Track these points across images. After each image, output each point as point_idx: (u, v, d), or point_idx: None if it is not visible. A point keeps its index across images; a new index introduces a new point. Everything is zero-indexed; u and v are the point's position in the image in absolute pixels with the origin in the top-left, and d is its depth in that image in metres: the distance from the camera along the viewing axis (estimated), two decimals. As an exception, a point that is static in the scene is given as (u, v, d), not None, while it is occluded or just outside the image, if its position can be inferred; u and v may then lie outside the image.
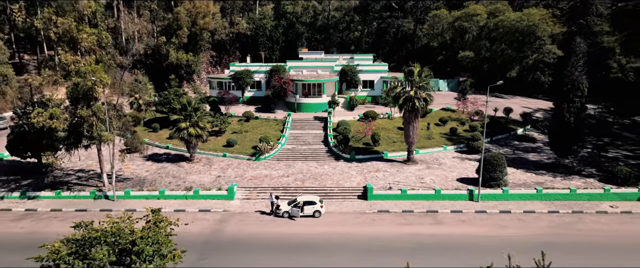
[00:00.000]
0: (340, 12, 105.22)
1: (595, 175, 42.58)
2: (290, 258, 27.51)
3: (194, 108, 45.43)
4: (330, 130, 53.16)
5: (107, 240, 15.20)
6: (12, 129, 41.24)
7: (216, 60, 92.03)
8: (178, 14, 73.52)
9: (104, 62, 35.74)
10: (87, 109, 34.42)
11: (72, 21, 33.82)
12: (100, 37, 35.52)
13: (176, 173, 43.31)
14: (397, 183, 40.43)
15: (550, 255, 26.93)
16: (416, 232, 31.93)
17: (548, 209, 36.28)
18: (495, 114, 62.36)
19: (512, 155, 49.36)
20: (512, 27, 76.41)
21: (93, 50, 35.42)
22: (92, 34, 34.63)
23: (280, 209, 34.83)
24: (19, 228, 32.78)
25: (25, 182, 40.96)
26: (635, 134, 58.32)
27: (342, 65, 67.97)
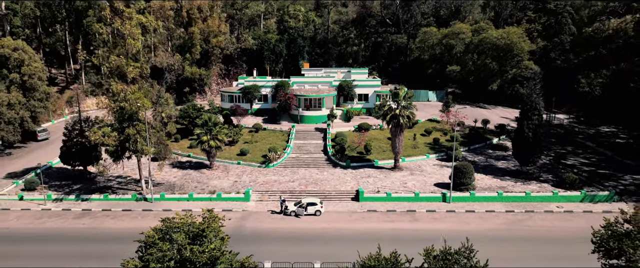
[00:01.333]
0: (338, 25, 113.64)
1: (550, 181, 50.91)
2: (297, 247, 35.80)
3: (214, 123, 53.79)
4: (329, 141, 61.53)
5: (184, 229, 23.37)
6: (64, 143, 49.53)
7: (225, 72, 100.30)
8: (193, 34, 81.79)
9: (144, 89, 43.89)
10: (132, 128, 42.67)
11: (123, 59, 41.97)
12: (141, 69, 43.70)
13: (199, 179, 51.64)
14: (384, 188, 48.76)
15: (500, 245, 36.38)
16: (397, 228, 40.27)
17: (506, 209, 44.64)
18: (475, 125, 70.63)
19: (485, 162, 57.71)
20: (493, 44, 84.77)
21: (136, 79, 43.59)
22: (136, 67, 42.81)
23: (288, 209, 43.14)
24: (81, 224, 41.12)
25: (75, 186, 49.27)
26: (595, 143, 66.59)
27: (340, 81, 76.34)
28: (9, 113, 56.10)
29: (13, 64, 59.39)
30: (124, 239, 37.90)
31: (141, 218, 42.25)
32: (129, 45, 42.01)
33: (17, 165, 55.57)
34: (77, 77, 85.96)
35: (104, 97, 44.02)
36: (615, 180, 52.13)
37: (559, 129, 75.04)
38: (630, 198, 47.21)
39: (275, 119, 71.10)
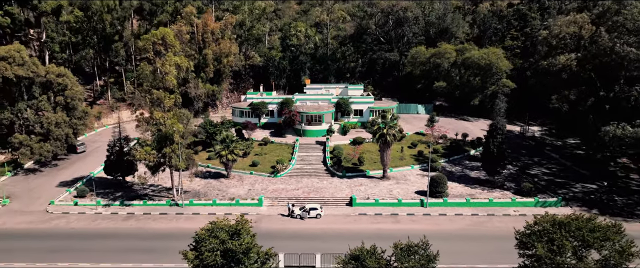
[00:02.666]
0: (337, 40, 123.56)
1: (512, 189, 60.95)
2: (302, 243, 45.78)
3: (231, 139, 63.92)
4: (328, 153, 71.64)
5: (224, 229, 33.34)
6: (108, 157, 59.66)
7: (233, 86, 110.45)
8: (206, 55, 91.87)
9: (178, 115, 53.81)
10: (169, 147, 52.76)
11: (163, 92, 51.95)
12: (176, 99, 53.65)
13: (219, 187, 61.73)
14: (374, 195, 58.85)
15: (463, 241, 46.92)
16: (381, 228, 50.31)
17: (472, 213, 54.73)
18: (456, 137, 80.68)
19: (461, 172, 67.79)
20: (475, 63, 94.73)
21: (171, 108, 53.48)
22: (172, 98, 52.76)
23: (294, 213, 53.22)
24: (128, 225, 51.23)
25: (118, 193, 59.41)
26: (559, 154, 76.70)
27: (337, 98, 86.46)
28: (57, 131, 66.18)
29: (57, 87, 69.42)
30: (165, 237, 48.24)
31: (176, 221, 52.39)
32: (167, 81, 52.08)
33: (65, 175, 65.71)
34: (103, 93, 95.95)
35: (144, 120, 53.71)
36: (567, 188, 62.29)
37: (531, 141, 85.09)
38: (576, 203, 57.38)
39: (281, 133, 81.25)
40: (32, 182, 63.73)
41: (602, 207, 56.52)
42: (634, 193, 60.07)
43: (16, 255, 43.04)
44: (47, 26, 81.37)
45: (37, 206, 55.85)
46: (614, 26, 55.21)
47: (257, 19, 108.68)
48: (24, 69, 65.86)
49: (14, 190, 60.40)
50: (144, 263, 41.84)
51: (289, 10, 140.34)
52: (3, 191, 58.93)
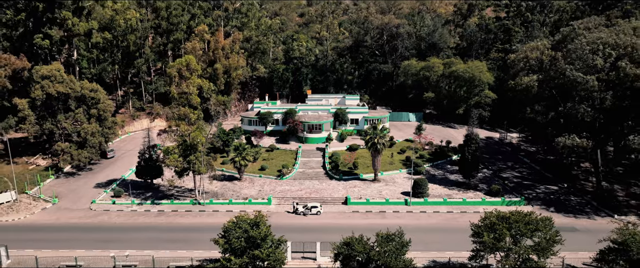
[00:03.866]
0: (336, 51, 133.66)
1: (484, 190, 71.21)
2: (305, 235, 55.95)
3: (243, 147, 74.25)
4: (327, 158, 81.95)
5: (247, 221, 43.58)
6: (139, 163, 70.01)
7: (241, 96, 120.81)
8: (217, 69, 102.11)
9: (200, 128, 64.03)
10: (193, 155, 63.05)
11: (188, 108, 62.25)
12: (198, 115, 63.86)
13: (233, 189, 72.07)
14: (365, 195, 69.16)
15: (437, 233, 58.47)
16: (371, 223, 60.53)
17: (447, 210, 65.02)
18: (441, 144, 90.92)
19: (442, 175, 78.10)
20: (460, 76, 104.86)
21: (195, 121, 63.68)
22: (195, 114, 62.94)
23: (298, 210, 63.50)
24: (160, 220, 61.59)
25: (147, 194, 69.76)
26: (531, 159, 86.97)
27: (336, 108, 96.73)
28: (92, 139, 76.53)
29: (91, 101, 79.73)
30: (191, 230, 58.58)
31: (199, 217, 62.75)
32: (191, 99, 62.42)
33: (99, 178, 76.10)
34: (124, 103, 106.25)
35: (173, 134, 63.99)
36: (532, 189, 72.64)
37: (508, 147, 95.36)
38: (537, 202, 67.68)
39: (286, 140, 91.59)
40: (73, 183, 74.10)
41: (558, 206, 66.83)
42: (587, 194, 70.38)
43: (74, 243, 53.33)
44: (78, 45, 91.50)
45: (82, 204, 66.23)
46: (567, 53, 65.48)
47: (264, 34, 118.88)
48: (63, 86, 76.19)
49: (59, 190, 70.77)
50: (178, 251, 52.07)
51: (291, 23, 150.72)
52: (53, 191, 69.30)
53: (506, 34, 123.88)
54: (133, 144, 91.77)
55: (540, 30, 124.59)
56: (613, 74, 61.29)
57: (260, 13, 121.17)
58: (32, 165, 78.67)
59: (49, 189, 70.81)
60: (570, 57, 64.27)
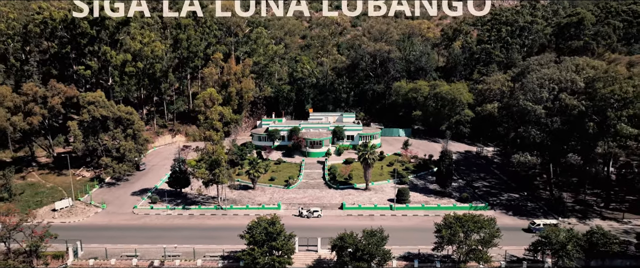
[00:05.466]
0: (335, 71, 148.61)
1: (456, 197, 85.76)
2: (309, 233, 70.33)
3: (256, 162, 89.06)
4: (326, 170, 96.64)
5: (266, 221, 58.21)
6: (171, 174, 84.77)
7: (250, 113, 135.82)
8: (230, 92, 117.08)
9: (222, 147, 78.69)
10: (218, 169, 77.81)
11: (212, 131, 77.03)
12: (220, 136, 78.61)
13: (248, 196, 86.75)
14: (358, 201, 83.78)
15: (415, 232, 74.39)
16: (362, 223, 74.87)
17: (424, 214, 79.58)
18: (425, 157, 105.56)
19: (423, 185, 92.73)
20: (444, 97, 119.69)
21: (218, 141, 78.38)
22: (218, 135, 77.68)
23: (303, 214, 78.12)
24: (192, 222, 76.25)
25: (178, 201, 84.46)
26: (500, 171, 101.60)
27: (334, 126, 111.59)
28: (130, 154, 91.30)
29: (127, 122, 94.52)
30: (218, 229, 73.11)
31: (223, 219, 77.38)
32: (215, 124, 77.35)
33: (135, 187, 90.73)
34: (149, 121, 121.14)
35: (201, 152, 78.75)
36: (497, 197, 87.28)
37: (483, 160, 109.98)
38: (499, 208, 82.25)
39: (291, 154, 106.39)
40: (115, 192, 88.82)
41: (516, 210, 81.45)
42: (542, 201, 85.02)
43: (127, 239, 67.86)
44: (113, 73, 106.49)
45: (126, 209, 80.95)
46: (521, 86, 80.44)
47: (270, 58, 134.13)
48: (105, 110, 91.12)
49: (105, 198, 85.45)
50: (210, 245, 66.61)
51: (293, 45, 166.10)
52: (101, 199, 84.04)
53: (487, 56, 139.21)
54: (159, 158, 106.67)
55: (520, 53, 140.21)
56: (557, 104, 76.25)
57: (268, 40, 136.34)
58: (79, 177, 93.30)
59: (97, 197, 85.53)
60: (523, 89, 79.24)
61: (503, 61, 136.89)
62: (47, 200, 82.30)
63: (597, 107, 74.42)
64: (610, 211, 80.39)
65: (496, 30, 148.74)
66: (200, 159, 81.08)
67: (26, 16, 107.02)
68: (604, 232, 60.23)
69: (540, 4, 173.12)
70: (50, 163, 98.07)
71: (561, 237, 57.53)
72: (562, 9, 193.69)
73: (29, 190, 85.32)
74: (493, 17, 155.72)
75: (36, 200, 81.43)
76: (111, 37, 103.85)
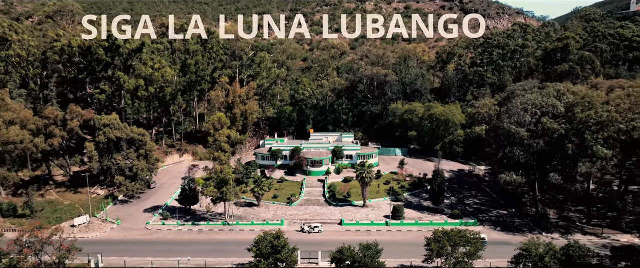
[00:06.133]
0: (334, 93, 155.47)
1: (448, 214, 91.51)
2: (310, 247, 75.96)
3: (261, 181, 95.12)
4: (326, 188, 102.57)
5: (271, 235, 64.04)
6: (181, 192, 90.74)
7: (254, 133, 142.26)
8: (235, 114, 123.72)
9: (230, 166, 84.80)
10: (226, 188, 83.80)
11: (221, 152, 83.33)
12: (228, 156, 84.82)
13: (253, 213, 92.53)
14: (356, 218, 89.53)
15: (409, 246, 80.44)
16: (359, 238, 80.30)
17: (418, 230, 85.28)
18: (420, 175, 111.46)
19: (417, 202, 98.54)
20: (438, 118, 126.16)
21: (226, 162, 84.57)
22: (227, 155, 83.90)
23: (304, 229, 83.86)
24: (202, 237, 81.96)
25: (187, 217, 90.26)
26: (491, 189, 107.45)
27: (334, 146, 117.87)
28: (142, 173, 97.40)
29: (139, 143, 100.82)
30: (226, 244, 78.84)
31: (230, 234, 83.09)
32: (223, 146, 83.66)
33: (147, 204, 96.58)
34: (158, 141, 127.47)
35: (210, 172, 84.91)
36: (486, 213, 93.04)
37: (475, 178, 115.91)
38: (488, 224, 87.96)
39: (293, 173, 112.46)
40: (128, 209, 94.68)
41: (503, 226, 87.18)
42: (528, 217, 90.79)
43: (142, 253, 73.57)
44: (125, 96, 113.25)
45: (139, 225, 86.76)
46: (506, 110, 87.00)
47: (273, 81, 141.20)
48: (119, 132, 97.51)
49: (119, 214, 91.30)
50: (219, 258, 72.31)
51: (295, 68, 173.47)
52: (116, 215, 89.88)
53: (480, 78, 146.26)
54: (168, 176, 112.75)
55: (511, 75, 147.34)
56: (539, 127, 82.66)
57: (271, 64, 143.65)
58: (94, 195, 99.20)
59: (112, 213, 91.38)
60: (509, 113, 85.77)
61: (495, 83, 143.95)
62: (66, 216, 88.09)
63: (576, 130, 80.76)
64: (591, 227, 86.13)
65: (488, 53, 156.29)
66: (208, 178, 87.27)
67: (45, 43, 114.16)
68: (580, 246, 65.82)
69: (530, 28, 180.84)
70: (67, 181, 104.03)
71: (540, 250, 63.23)
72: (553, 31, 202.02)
73: (49, 208, 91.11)
74: (485, 40, 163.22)
75: (56, 217, 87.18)
76: (124, 63, 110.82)
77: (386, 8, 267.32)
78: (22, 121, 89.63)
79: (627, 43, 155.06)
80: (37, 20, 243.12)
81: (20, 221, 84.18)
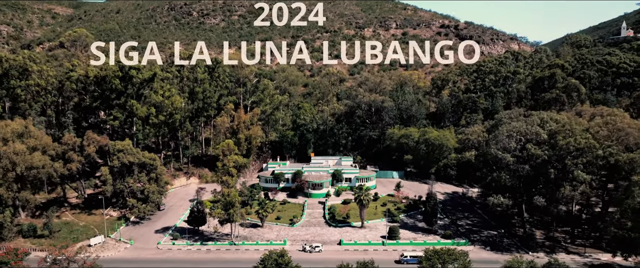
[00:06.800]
0: (334, 117, 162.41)
1: (441, 234, 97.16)
2: (311, 265, 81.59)
3: (265, 203, 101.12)
4: (326, 210, 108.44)
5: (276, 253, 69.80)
6: (190, 214, 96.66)
7: (257, 156, 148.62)
8: (240, 139, 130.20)
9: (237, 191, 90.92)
10: (232, 210, 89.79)
11: (228, 176, 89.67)
12: (235, 180, 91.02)
13: (258, 233, 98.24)
14: (354, 238, 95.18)
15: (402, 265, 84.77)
16: (357, 258, 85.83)
17: (412, 249, 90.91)
18: (415, 197, 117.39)
19: (412, 223, 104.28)
20: (432, 142, 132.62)
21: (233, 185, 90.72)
22: (234, 180, 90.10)
23: (306, 249, 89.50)
24: (210, 255, 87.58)
25: (196, 237, 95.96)
26: (482, 210, 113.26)
27: (334, 169, 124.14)
28: (153, 196, 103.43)
29: (150, 167, 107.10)
30: (234, 262, 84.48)
31: (237, 253, 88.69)
32: (230, 170, 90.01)
33: (157, 225, 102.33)
34: (166, 164, 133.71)
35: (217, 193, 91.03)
36: (477, 234, 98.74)
37: (468, 200, 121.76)
38: (478, 243, 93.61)
39: (295, 195, 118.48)
40: (139, 230, 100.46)
41: (492, 246, 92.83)
42: (516, 237, 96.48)
43: (156, 271, 79.33)
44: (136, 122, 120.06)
45: (151, 245, 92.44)
46: (493, 137, 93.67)
47: (275, 107, 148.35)
48: (132, 156, 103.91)
49: (132, 235, 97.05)
50: (226, 275, 78.01)
51: (296, 93, 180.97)
52: (129, 236, 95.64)
53: (473, 104, 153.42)
54: (176, 198, 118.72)
55: (504, 100, 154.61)
56: (524, 153, 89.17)
57: (273, 91, 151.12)
58: (107, 216, 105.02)
59: (125, 234, 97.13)
60: (496, 139, 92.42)
61: (488, 108, 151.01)
62: (82, 236, 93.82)
63: (558, 156, 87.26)
64: (575, 247, 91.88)
65: (481, 79, 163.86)
66: (216, 200, 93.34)
67: (61, 73, 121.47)
68: (559, 264, 71.67)
69: (521, 56, 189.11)
70: (80, 203, 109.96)
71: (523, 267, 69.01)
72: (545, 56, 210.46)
73: (65, 228, 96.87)
74: (478, 67, 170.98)
75: (73, 237, 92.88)
76: (137, 91, 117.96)
77: (384, 34, 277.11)
78: (43, 147, 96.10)
79: (615, 69, 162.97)
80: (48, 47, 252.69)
81: (40, 241, 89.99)
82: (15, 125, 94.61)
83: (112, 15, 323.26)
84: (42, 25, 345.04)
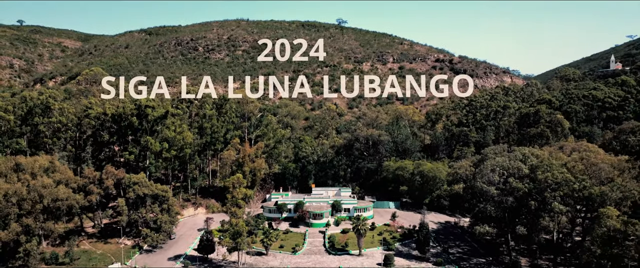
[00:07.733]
0: (334, 149, 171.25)
1: (433, 262, 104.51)
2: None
3: (269, 232, 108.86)
4: (326, 239, 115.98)
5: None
6: (200, 242, 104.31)
7: (260, 187, 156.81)
8: (245, 171, 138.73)
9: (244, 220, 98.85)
10: (240, 238, 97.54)
11: (236, 207, 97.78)
12: (242, 211, 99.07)
13: (263, 261, 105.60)
14: (352, 265, 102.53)
15: None
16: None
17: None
18: (410, 226, 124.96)
19: (407, 251, 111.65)
20: (426, 174, 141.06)
21: (240, 216, 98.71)
22: (241, 210, 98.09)
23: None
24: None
25: (205, 264, 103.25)
26: (471, 239, 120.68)
27: (333, 200, 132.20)
28: (165, 226, 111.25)
29: (162, 198, 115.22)
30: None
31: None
32: (238, 202, 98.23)
33: (169, 254, 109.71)
34: (175, 195, 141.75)
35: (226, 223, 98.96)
36: (467, 262, 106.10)
37: (459, 229, 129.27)
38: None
39: (296, 224, 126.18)
40: (152, 257, 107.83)
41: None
42: (502, 265, 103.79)
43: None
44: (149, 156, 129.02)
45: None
46: (479, 171, 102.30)
47: (278, 141, 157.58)
48: (146, 188, 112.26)
49: (146, 262, 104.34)
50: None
51: (298, 127, 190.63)
52: (144, 263, 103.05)
53: (465, 137, 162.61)
54: (185, 228, 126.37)
55: (494, 133, 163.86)
56: (507, 186, 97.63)
57: (276, 126, 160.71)
58: (122, 245, 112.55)
59: (139, 261, 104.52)
60: (481, 173, 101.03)
61: (479, 141, 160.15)
62: (100, 264, 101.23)
63: (538, 188, 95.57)
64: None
65: (473, 113, 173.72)
66: (223, 230, 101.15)
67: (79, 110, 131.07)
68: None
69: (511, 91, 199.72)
70: (96, 233, 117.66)
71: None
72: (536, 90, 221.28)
73: (84, 256, 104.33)
74: (470, 102, 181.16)
75: (91, 265, 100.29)
76: (151, 128, 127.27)
77: (381, 68, 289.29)
78: (66, 180, 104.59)
79: (600, 103, 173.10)
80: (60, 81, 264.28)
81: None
82: (42, 160, 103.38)
83: (121, 50, 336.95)
84: (52, 59, 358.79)
